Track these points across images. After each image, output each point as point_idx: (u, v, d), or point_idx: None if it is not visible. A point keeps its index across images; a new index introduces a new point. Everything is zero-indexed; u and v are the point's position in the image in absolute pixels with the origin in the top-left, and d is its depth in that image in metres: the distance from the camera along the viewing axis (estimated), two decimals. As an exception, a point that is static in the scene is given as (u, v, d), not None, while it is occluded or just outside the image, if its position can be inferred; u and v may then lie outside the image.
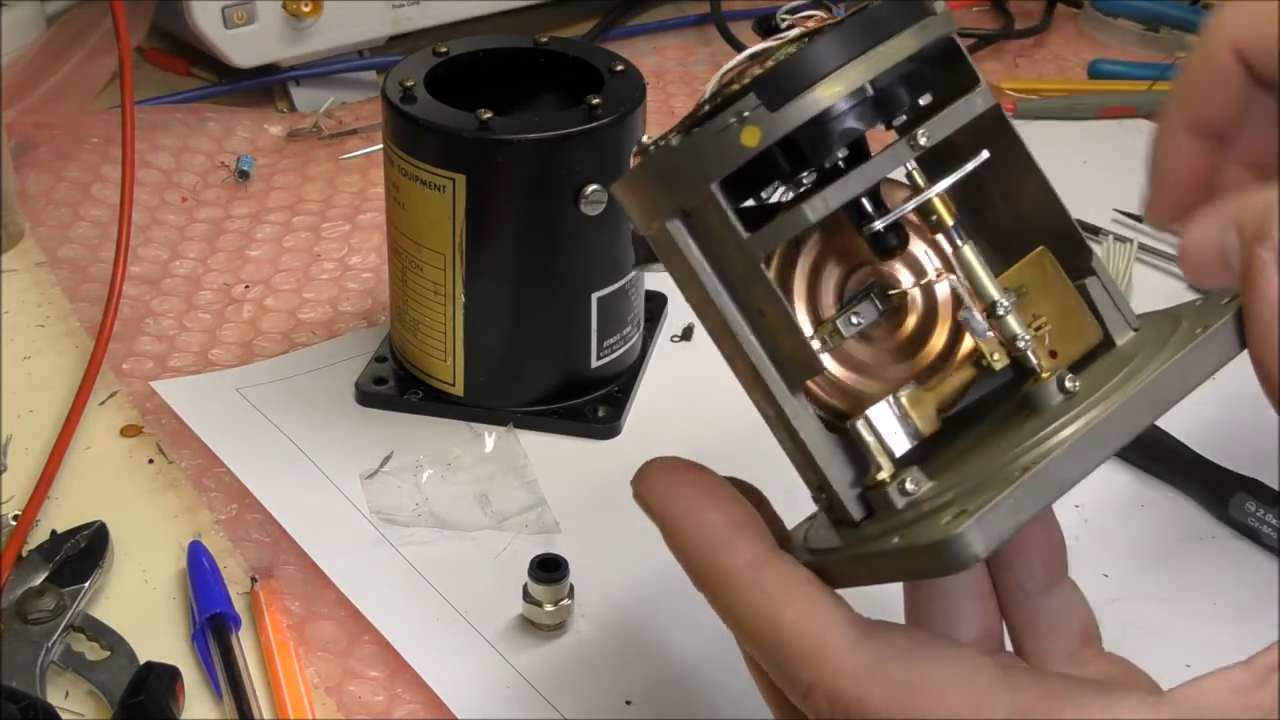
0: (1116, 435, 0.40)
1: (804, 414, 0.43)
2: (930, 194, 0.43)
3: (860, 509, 0.43)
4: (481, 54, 0.71)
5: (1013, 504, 0.38)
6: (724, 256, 0.42)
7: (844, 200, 0.42)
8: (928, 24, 0.42)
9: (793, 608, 0.41)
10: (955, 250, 0.44)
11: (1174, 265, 0.85)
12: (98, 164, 0.91)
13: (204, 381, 0.74)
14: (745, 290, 0.42)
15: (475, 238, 0.67)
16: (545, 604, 0.59)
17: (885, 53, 0.41)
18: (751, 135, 0.41)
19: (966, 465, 0.42)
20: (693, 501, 0.44)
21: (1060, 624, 0.47)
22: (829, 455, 0.43)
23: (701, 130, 0.41)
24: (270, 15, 0.94)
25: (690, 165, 0.41)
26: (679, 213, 0.42)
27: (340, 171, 0.94)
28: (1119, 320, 0.45)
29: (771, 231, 0.42)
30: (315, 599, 0.61)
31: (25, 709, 0.54)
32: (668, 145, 0.42)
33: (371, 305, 0.81)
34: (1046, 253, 0.45)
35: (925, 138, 0.42)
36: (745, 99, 0.41)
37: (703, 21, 1.13)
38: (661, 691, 0.58)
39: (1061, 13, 1.18)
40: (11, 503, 0.65)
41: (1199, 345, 0.41)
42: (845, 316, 0.45)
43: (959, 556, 0.38)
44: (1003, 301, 0.43)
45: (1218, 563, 0.65)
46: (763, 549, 0.43)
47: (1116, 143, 1.00)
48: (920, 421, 0.43)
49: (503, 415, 0.70)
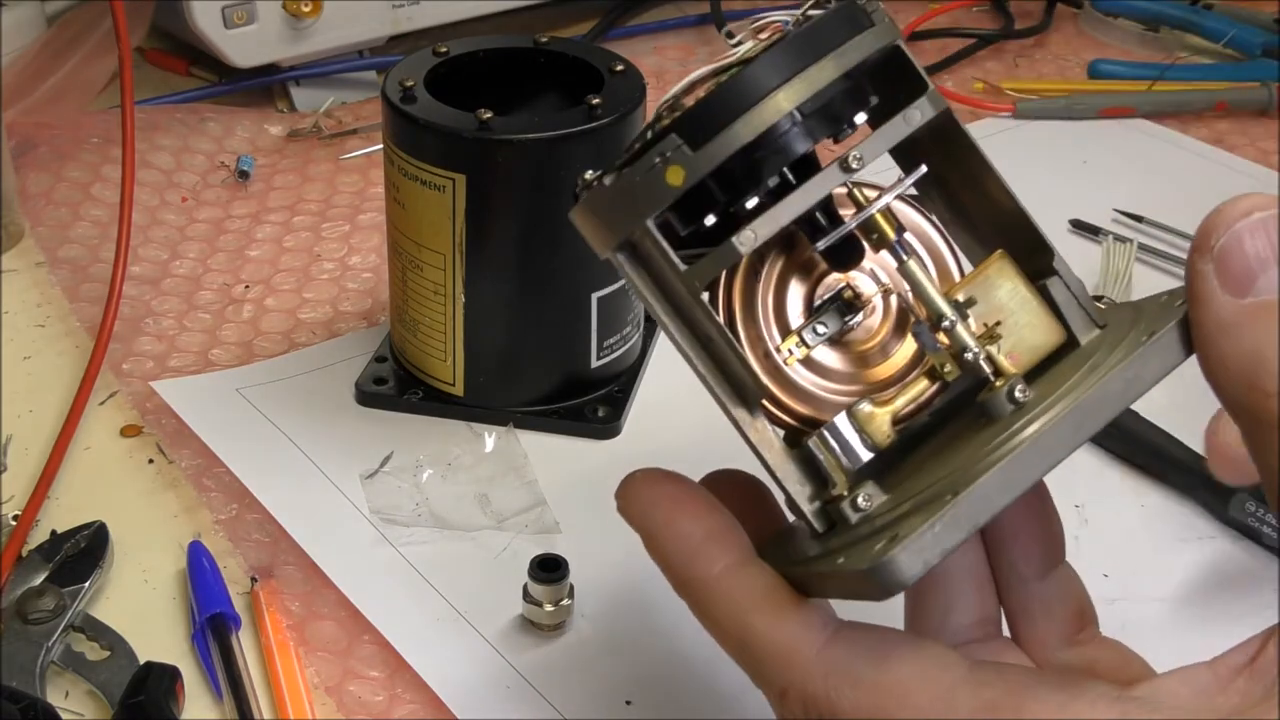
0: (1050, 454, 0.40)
1: (761, 431, 0.44)
2: (870, 211, 0.44)
3: (823, 521, 0.44)
4: (481, 54, 0.71)
5: (939, 531, 0.39)
6: (667, 286, 0.43)
7: (774, 231, 0.42)
8: (861, 41, 0.42)
9: (761, 614, 0.42)
10: (900, 265, 0.44)
11: (1174, 265, 0.85)
12: (98, 164, 0.91)
13: (204, 381, 0.74)
14: (691, 317, 0.43)
15: (475, 238, 0.67)
16: (545, 604, 0.59)
17: (807, 79, 0.41)
18: (675, 175, 0.41)
19: (922, 478, 0.42)
20: (671, 512, 0.45)
21: (1056, 609, 0.47)
22: (788, 473, 0.44)
23: (630, 170, 0.42)
24: (270, 15, 0.94)
25: (624, 203, 0.42)
26: (623, 245, 0.43)
27: (340, 171, 0.94)
28: (1083, 319, 0.45)
29: (704, 266, 0.43)
30: (315, 599, 0.61)
31: (25, 709, 0.54)
32: (600, 184, 0.43)
33: (371, 305, 0.81)
34: (1005, 255, 0.45)
35: (857, 161, 0.42)
36: (667, 139, 0.41)
37: (703, 21, 1.13)
38: (661, 691, 0.58)
39: (1061, 13, 1.18)
40: (11, 503, 0.65)
41: (1141, 354, 0.41)
42: (810, 326, 0.45)
43: (888, 584, 0.38)
44: (949, 315, 0.43)
45: (1218, 563, 0.65)
46: (736, 558, 0.44)
47: (1116, 143, 1.00)
48: (874, 437, 0.44)
49: (503, 415, 0.70)
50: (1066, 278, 0.45)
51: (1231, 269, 0.39)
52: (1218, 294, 0.39)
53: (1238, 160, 0.99)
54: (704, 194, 0.42)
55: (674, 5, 1.17)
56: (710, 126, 0.41)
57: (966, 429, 0.44)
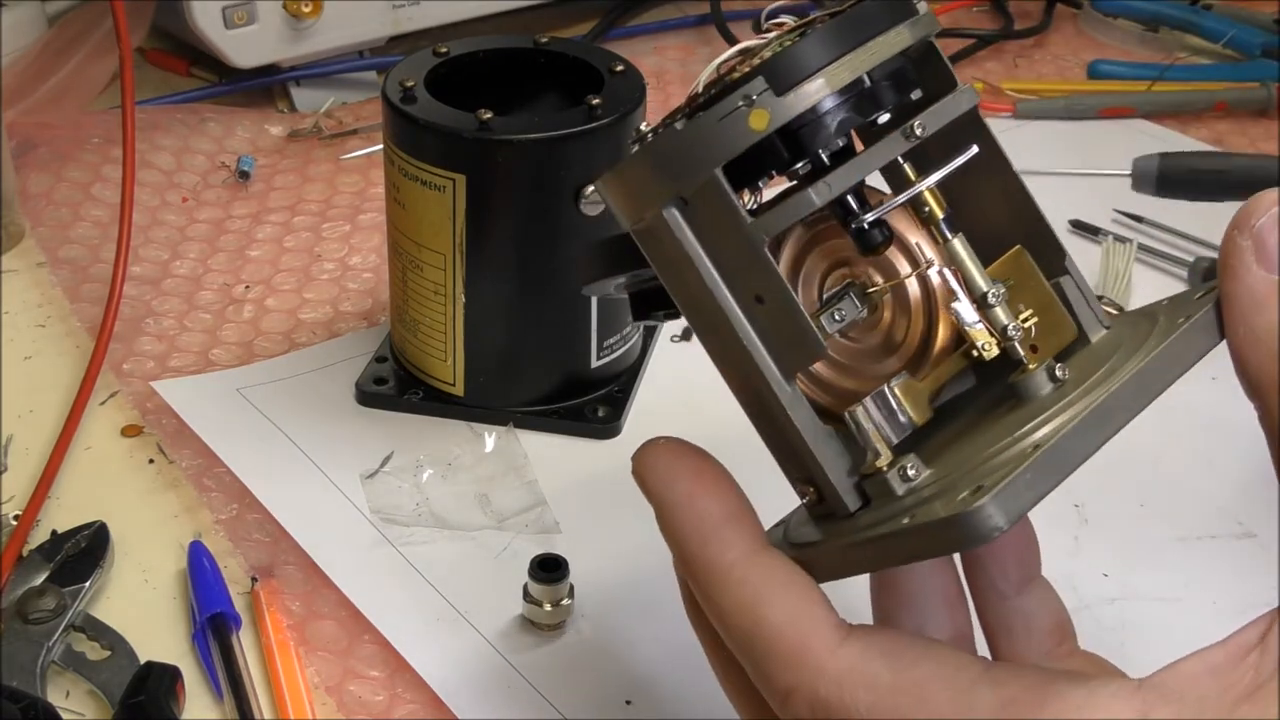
0: (1119, 415, 0.40)
1: (799, 403, 0.43)
2: (921, 186, 0.44)
3: (856, 499, 0.43)
4: (481, 54, 0.71)
5: (1030, 478, 0.38)
6: (722, 243, 0.42)
7: (848, 185, 0.42)
8: (916, 21, 0.43)
9: (778, 606, 0.41)
10: (945, 243, 0.44)
11: (1174, 265, 0.85)
12: (98, 164, 0.91)
13: (204, 381, 0.74)
14: (743, 277, 0.42)
15: (475, 238, 0.67)
16: (545, 604, 0.59)
17: (881, 44, 0.42)
18: (760, 119, 0.41)
19: (959, 453, 0.42)
20: (692, 487, 0.43)
21: (1035, 624, 0.47)
22: (823, 445, 0.43)
23: (707, 114, 0.41)
24: (270, 15, 0.94)
25: (695, 149, 0.41)
26: (676, 200, 0.42)
27: (340, 171, 0.94)
28: (1091, 319, 0.46)
29: (777, 214, 0.42)
30: (315, 599, 0.61)
31: (26, 709, 0.54)
32: (670, 129, 0.42)
33: (372, 305, 0.81)
34: (1023, 251, 0.45)
35: (921, 128, 0.43)
36: (752, 83, 0.41)
37: (703, 21, 1.13)
38: (661, 691, 0.58)
39: (1061, 13, 1.18)
40: (12, 503, 0.65)
41: (1184, 333, 0.42)
42: (828, 314, 0.45)
43: (981, 529, 0.38)
44: (993, 291, 0.44)
45: (1218, 563, 0.65)
46: (754, 544, 0.43)
47: (1116, 143, 1.00)
48: (914, 410, 0.44)
49: (503, 415, 0.70)
50: (1077, 278, 0.46)
51: (1268, 247, 0.40)
52: (1253, 269, 0.40)
53: (1237, 160, 0.99)
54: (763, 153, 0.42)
55: (674, 5, 1.17)
56: (796, 75, 0.41)
57: (993, 411, 0.44)
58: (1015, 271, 0.45)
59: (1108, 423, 0.40)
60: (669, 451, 0.45)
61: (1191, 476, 0.70)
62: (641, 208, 0.43)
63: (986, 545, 0.45)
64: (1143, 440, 0.69)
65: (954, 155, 0.44)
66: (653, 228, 0.43)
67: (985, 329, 0.44)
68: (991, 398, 0.45)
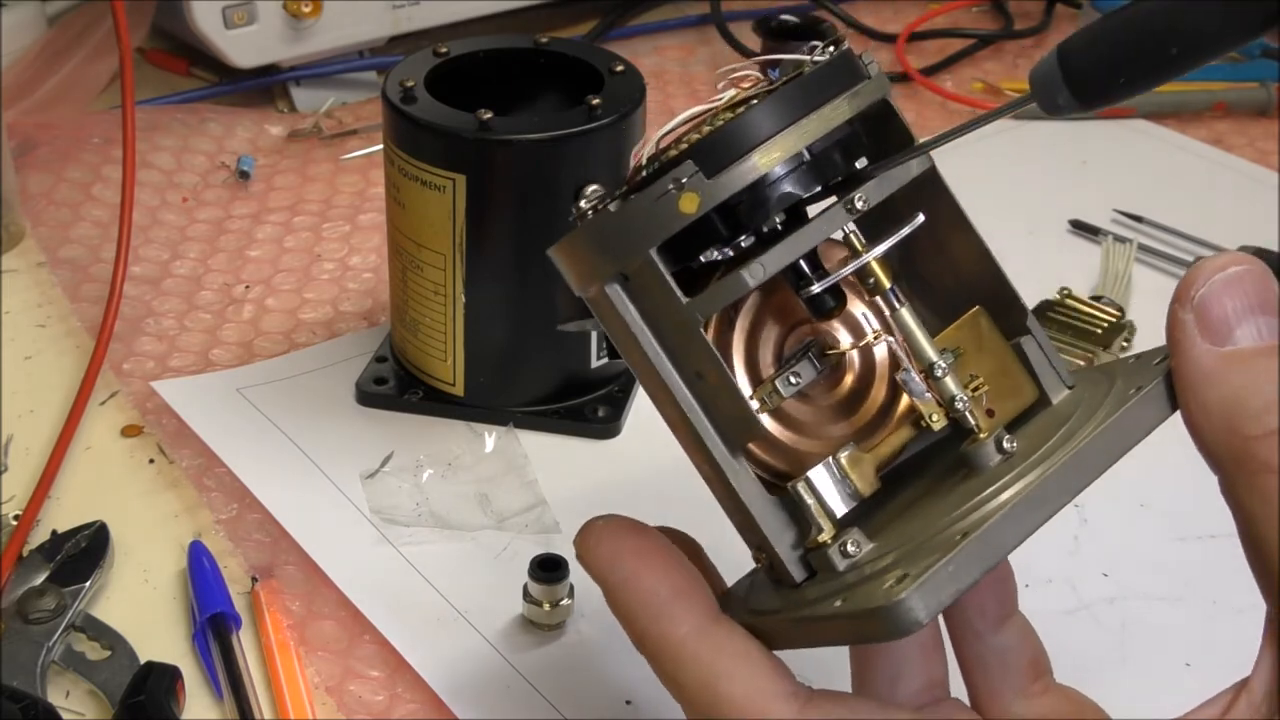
0: (1055, 498, 0.40)
1: (744, 476, 0.43)
2: (868, 258, 0.43)
3: (801, 570, 0.43)
4: (481, 54, 0.71)
5: (953, 570, 0.38)
6: (662, 320, 0.42)
7: (782, 265, 0.42)
8: (861, 90, 0.43)
9: (736, 681, 0.41)
10: (893, 312, 0.44)
11: (1173, 266, 0.85)
12: (98, 164, 0.91)
13: (204, 381, 0.74)
14: (684, 353, 0.43)
15: (475, 238, 0.67)
16: (545, 604, 0.59)
17: (820, 119, 0.42)
18: (689, 202, 0.41)
19: (905, 526, 0.42)
20: (636, 566, 0.44)
21: (1011, 660, 0.47)
22: (769, 517, 0.43)
23: (640, 196, 0.41)
24: (270, 15, 0.95)
25: (628, 231, 0.42)
26: (617, 276, 0.42)
27: (340, 172, 0.94)
28: (1054, 379, 0.46)
29: (710, 296, 0.42)
30: (315, 599, 0.61)
31: (26, 708, 0.54)
32: (605, 211, 0.42)
33: (372, 305, 0.81)
34: (982, 312, 0.45)
35: (863, 201, 0.42)
36: (683, 165, 0.41)
37: (703, 21, 1.13)
38: (661, 691, 0.58)
39: (1061, 13, 1.18)
40: (12, 503, 0.65)
41: (1132, 407, 0.41)
42: (784, 376, 0.45)
43: (902, 623, 0.38)
44: (940, 363, 0.44)
45: (1218, 563, 0.65)
46: (703, 619, 0.43)
47: (1116, 143, 1.00)
48: (860, 482, 0.44)
49: (503, 415, 0.70)
50: (1038, 337, 0.46)
51: (1211, 319, 0.40)
52: (1198, 343, 0.40)
53: (1237, 160, 0.99)
54: (702, 230, 0.42)
55: (674, 5, 1.17)
56: (727, 155, 0.41)
57: (945, 480, 0.44)
58: (973, 333, 0.45)
59: (1042, 506, 0.40)
60: (610, 532, 0.45)
61: (1191, 476, 0.69)
62: (586, 280, 0.43)
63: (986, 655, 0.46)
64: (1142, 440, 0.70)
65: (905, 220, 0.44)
66: (597, 299, 0.43)
67: (933, 399, 0.44)
68: (945, 465, 0.45)
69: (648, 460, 0.69)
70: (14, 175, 0.86)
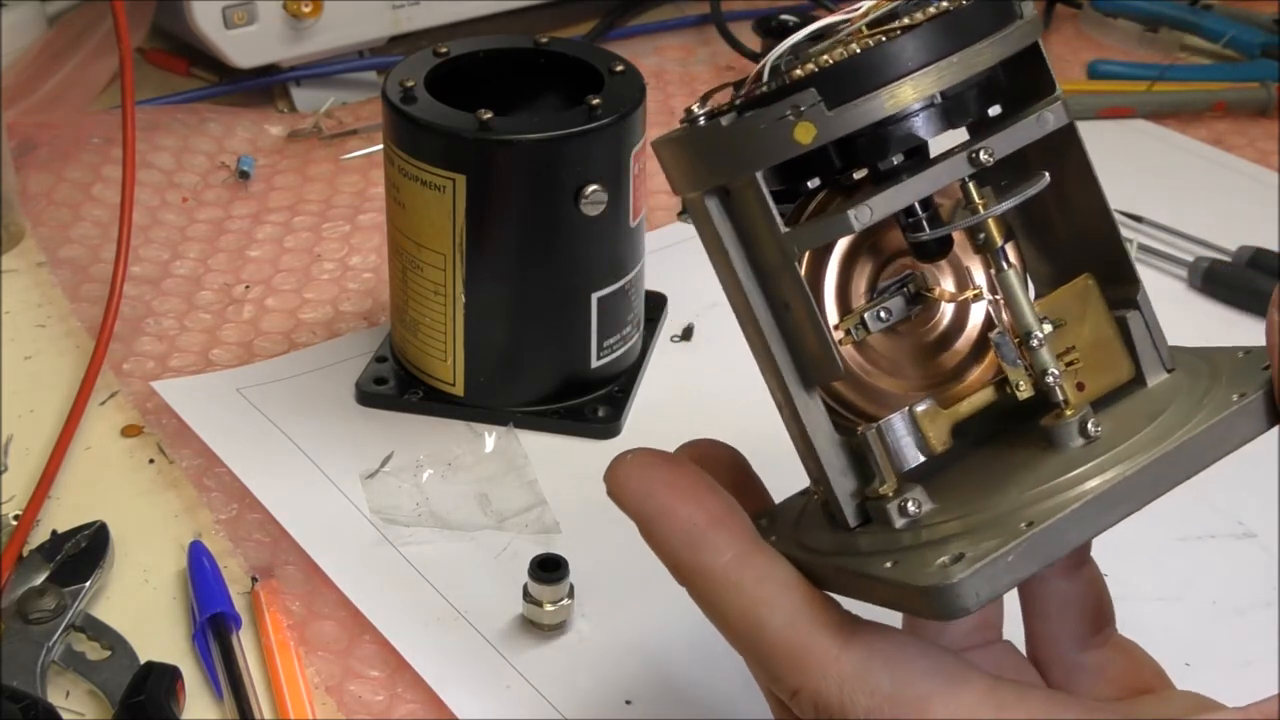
0: (1131, 500, 0.38)
1: (815, 411, 0.42)
2: (984, 216, 0.41)
3: (857, 516, 0.42)
4: (481, 54, 0.71)
5: (1012, 560, 0.37)
6: (757, 244, 0.41)
7: (891, 209, 0.40)
8: (1012, 32, 0.40)
9: (778, 610, 0.41)
10: (999, 274, 0.42)
11: (1174, 266, 0.85)
12: (98, 164, 0.91)
13: (204, 381, 0.74)
14: (774, 281, 0.41)
15: (475, 238, 0.67)
16: (545, 604, 0.59)
17: (963, 62, 0.39)
18: (805, 132, 0.39)
19: (971, 495, 0.41)
20: (669, 498, 0.42)
21: (1074, 609, 0.46)
22: (834, 456, 0.42)
23: (755, 115, 0.39)
24: (270, 15, 0.94)
25: (737, 149, 0.40)
26: (718, 190, 0.41)
27: (340, 172, 0.94)
28: (1154, 359, 0.44)
29: (811, 231, 0.40)
30: (315, 599, 0.61)
31: (26, 709, 0.54)
32: (717, 124, 0.40)
33: (372, 305, 0.81)
34: (1091, 281, 0.43)
35: (988, 155, 0.40)
36: (805, 92, 0.39)
37: (703, 21, 1.13)
38: (661, 691, 0.58)
39: (1061, 13, 1.18)
40: (12, 503, 0.65)
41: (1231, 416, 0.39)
42: (874, 310, 0.43)
43: (950, 606, 0.37)
44: (1038, 333, 0.42)
45: (1218, 563, 0.65)
46: (744, 545, 0.42)
47: (1116, 143, 1.00)
48: (933, 439, 0.42)
49: (503, 415, 0.70)
50: (1146, 314, 0.44)
51: None
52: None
53: (1237, 161, 0.99)
54: (817, 157, 0.40)
55: (674, 5, 1.17)
56: (852, 89, 0.39)
57: (1023, 451, 0.42)
58: (1078, 302, 0.43)
59: (1115, 508, 0.38)
60: (640, 465, 0.43)
61: (1191, 476, 0.70)
62: (688, 184, 0.42)
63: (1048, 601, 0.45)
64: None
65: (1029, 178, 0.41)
66: (695, 206, 0.42)
67: (1024, 368, 0.42)
68: (1023, 435, 0.43)
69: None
70: (14, 175, 0.86)
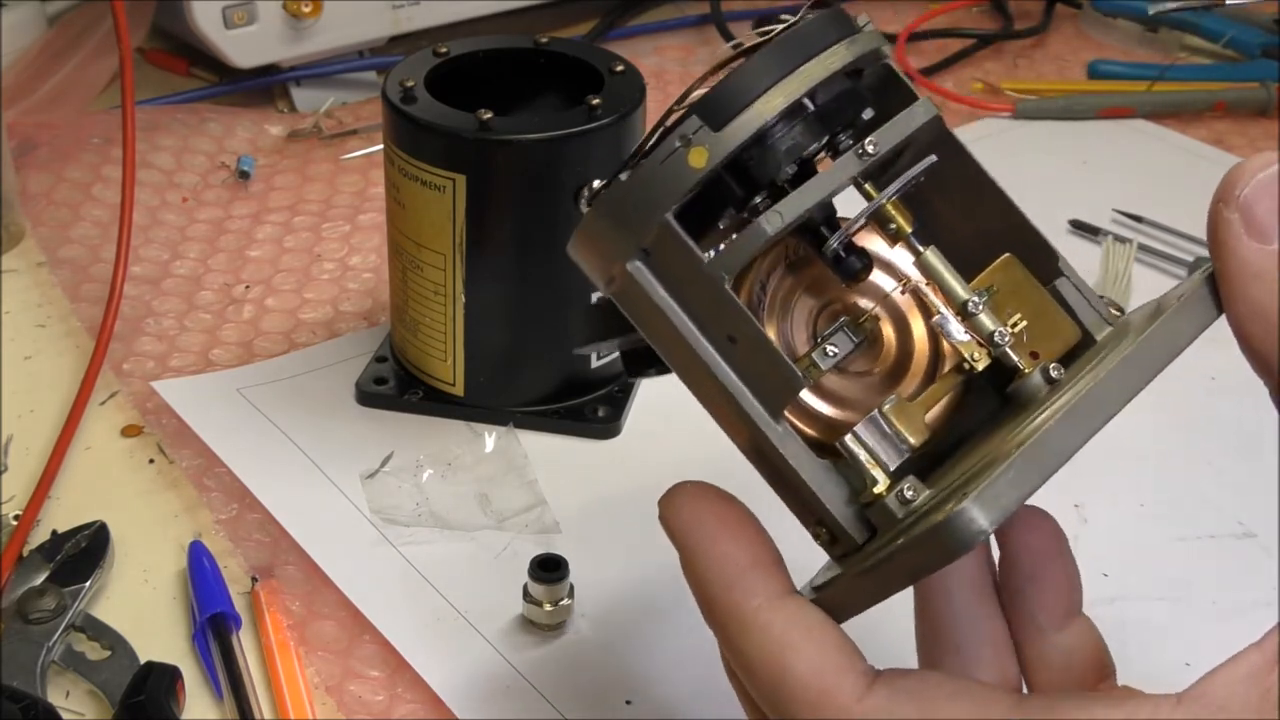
0: (1109, 402, 0.39)
1: (790, 440, 0.43)
2: (882, 199, 0.43)
3: (863, 530, 0.43)
4: (481, 54, 0.71)
5: (1013, 476, 0.37)
6: (687, 288, 0.42)
7: (799, 212, 0.42)
8: (855, 40, 0.43)
9: (803, 654, 0.40)
10: (918, 257, 0.44)
11: (1174, 265, 0.85)
12: (98, 164, 0.91)
13: (204, 381, 0.74)
14: (713, 319, 0.42)
15: (475, 238, 0.67)
16: (545, 604, 0.59)
17: (820, 64, 0.42)
18: (699, 156, 0.41)
19: (957, 469, 0.42)
20: (716, 533, 0.43)
21: (1075, 660, 0.46)
22: (823, 481, 0.43)
23: (648, 160, 0.41)
24: (270, 15, 0.95)
25: (643, 197, 0.41)
26: (639, 252, 0.42)
27: (340, 172, 0.94)
28: (1094, 318, 0.45)
29: (731, 251, 0.42)
30: (315, 599, 0.61)
31: (26, 709, 0.54)
32: (617, 181, 0.42)
33: (372, 305, 0.81)
34: (1013, 258, 0.44)
35: (873, 146, 0.42)
36: (687, 122, 0.41)
37: (703, 21, 1.14)
38: (661, 691, 0.58)
39: (1061, 13, 1.18)
40: (12, 503, 0.65)
41: (1176, 311, 0.41)
42: (821, 349, 0.44)
43: (964, 534, 0.37)
44: (973, 299, 0.43)
45: (1218, 563, 0.65)
46: (778, 590, 0.42)
47: (1116, 143, 1.00)
48: (909, 432, 0.43)
49: (503, 415, 0.70)
50: (1073, 278, 0.45)
51: (1257, 217, 0.39)
52: (1245, 241, 0.39)
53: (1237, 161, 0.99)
54: (716, 193, 0.42)
55: (674, 5, 1.17)
56: (730, 107, 0.41)
57: (994, 423, 0.43)
58: (1006, 280, 0.44)
59: (1097, 412, 0.39)
60: (694, 495, 0.44)
61: (1191, 476, 0.70)
62: (608, 265, 0.43)
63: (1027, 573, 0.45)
64: (1143, 440, 0.70)
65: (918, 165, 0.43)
66: (623, 286, 0.43)
67: (972, 340, 0.43)
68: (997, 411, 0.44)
69: (648, 460, 0.69)
70: (14, 175, 0.86)
